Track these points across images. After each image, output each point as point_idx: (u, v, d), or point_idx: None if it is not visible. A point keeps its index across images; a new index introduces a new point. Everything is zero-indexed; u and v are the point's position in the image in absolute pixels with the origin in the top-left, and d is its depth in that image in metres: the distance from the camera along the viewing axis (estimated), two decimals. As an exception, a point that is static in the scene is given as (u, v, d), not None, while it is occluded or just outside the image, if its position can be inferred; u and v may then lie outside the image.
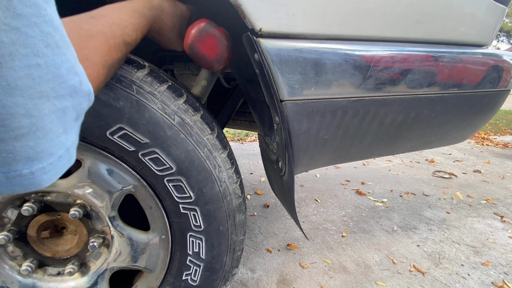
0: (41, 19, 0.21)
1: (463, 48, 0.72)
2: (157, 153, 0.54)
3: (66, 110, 0.26)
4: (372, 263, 1.20)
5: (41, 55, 0.22)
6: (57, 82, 0.24)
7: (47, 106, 0.23)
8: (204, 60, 0.56)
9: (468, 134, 0.95)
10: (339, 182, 2.10)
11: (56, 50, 0.23)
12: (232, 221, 0.64)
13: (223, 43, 0.56)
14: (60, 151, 0.25)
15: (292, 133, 0.59)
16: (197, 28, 0.54)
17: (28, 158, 0.23)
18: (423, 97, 0.70)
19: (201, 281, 0.66)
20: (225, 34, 0.56)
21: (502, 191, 2.04)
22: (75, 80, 0.26)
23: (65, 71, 0.25)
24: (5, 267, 0.60)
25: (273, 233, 1.40)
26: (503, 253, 1.30)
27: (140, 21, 0.45)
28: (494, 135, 4.33)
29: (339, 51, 0.56)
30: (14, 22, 0.19)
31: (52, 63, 0.23)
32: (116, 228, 0.60)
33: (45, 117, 0.23)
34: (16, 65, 0.20)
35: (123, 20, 0.41)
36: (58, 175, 0.26)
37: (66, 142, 0.26)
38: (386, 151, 0.85)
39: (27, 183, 0.24)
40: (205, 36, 0.54)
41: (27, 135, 0.22)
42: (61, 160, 0.26)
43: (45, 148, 0.24)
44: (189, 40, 0.54)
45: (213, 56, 0.56)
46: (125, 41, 0.41)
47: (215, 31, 0.55)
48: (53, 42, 0.23)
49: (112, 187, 0.57)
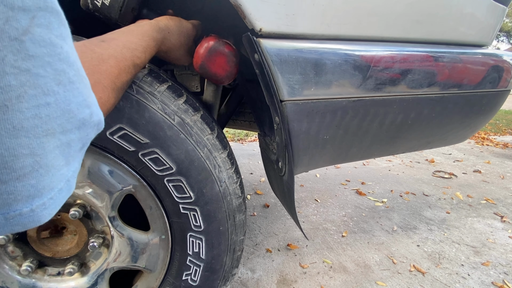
0: (55, 58, 0.21)
1: (463, 48, 0.72)
2: (157, 153, 0.54)
3: (71, 143, 0.25)
4: (372, 263, 1.20)
5: (51, 93, 0.21)
6: (66, 118, 0.23)
7: (52, 142, 0.22)
8: (215, 78, 0.58)
9: (468, 134, 0.95)
10: (339, 182, 2.10)
11: (69, 86, 0.23)
12: (232, 221, 0.64)
13: (232, 60, 0.57)
14: (60, 183, 0.24)
15: (292, 133, 0.59)
16: (206, 48, 0.55)
17: (28, 196, 0.22)
18: (423, 97, 0.70)
19: (201, 281, 0.66)
20: (233, 51, 0.57)
21: (502, 191, 2.04)
22: (86, 113, 0.25)
23: (76, 106, 0.24)
24: (5, 267, 0.60)
25: (273, 233, 1.40)
26: (503, 253, 1.30)
27: (149, 43, 0.45)
28: (494, 135, 4.33)
29: (339, 51, 0.56)
30: (25, 64, 0.19)
31: (63, 100, 0.22)
32: (116, 228, 0.60)
33: (49, 154, 0.22)
34: (24, 107, 0.19)
35: (133, 43, 0.42)
36: (57, 208, 0.25)
37: (67, 173, 0.25)
38: (386, 151, 0.85)
39: (27, 221, 0.22)
40: (214, 55, 0.55)
41: (29, 174, 0.21)
42: (61, 192, 0.25)
43: (47, 184, 0.23)
44: (199, 60, 0.55)
45: (224, 74, 0.57)
46: (134, 63, 0.41)
47: (224, 49, 0.56)
48: (66, 79, 0.22)
49: (112, 187, 0.57)
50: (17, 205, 0.21)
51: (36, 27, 0.19)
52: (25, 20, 0.18)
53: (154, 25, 0.49)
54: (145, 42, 0.45)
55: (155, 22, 0.51)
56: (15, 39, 0.18)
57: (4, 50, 0.17)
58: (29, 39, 0.19)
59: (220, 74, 0.57)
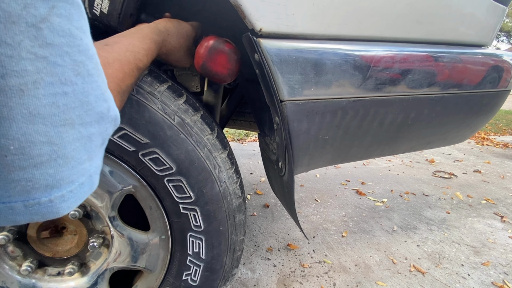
0: (74, 49, 0.21)
1: (463, 48, 0.72)
2: (157, 153, 0.54)
3: (92, 137, 0.25)
4: (372, 263, 1.20)
5: (69, 83, 0.21)
6: (84, 109, 0.23)
7: (72, 133, 0.22)
8: (217, 77, 0.57)
9: (468, 134, 0.95)
10: (339, 182, 2.10)
11: (88, 79, 0.23)
12: (232, 221, 0.64)
13: (233, 58, 0.56)
14: (82, 178, 0.25)
15: (292, 133, 0.59)
16: (206, 47, 0.55)
17: (47, 186, 0.22)
18: (423, 97, 0.70)
19: (201, 281, 0.66)
20: (233, 48, 0.57)
21: (502, 191, 2.04)
22: (104, 107, 0.26)
23: (94, 99, 0.24)
24: (5, 267, 0.60)
25: (273, 233, 1.40)
26: (503, 253, 1.30)
27: (150, 46, 0.46)
28: (494, 135, 4.33)
29: (339, 51, 0.56)
30: (42, 51, 0.19)
31: (81, 91, 0.22)
32: (116, 228, 0.60)
33: (68, 145, 0.22)
34: (40, 93, 0.19)
35: (135, 46, 0.42)
36: (78, 202, 0.25)
37: (89, 168, 0.26)
38: (386, 151, 0.85)
39: (46, 211, 0.23)
40: (215, 54, 0.55)
41: (47, 162, 0.21)
42: (82, 187, 0.25)
43: (66, 175, 0.23)
44: (200, 61, 0.55)
45: (225, 72, 0.57)
46: (138, 66, 0.42)
47: (224, 47, 0.55)
48: (85, 70, 0.22)
49: (112, 187, 0.57)
50: (35, 193, 0.21)
51: (56, 17, 0.19)
52: (43, 9, 0.18)
53: (153, 28, 0.50)
54: (146, 45, 0.45)
55: (154, 25, 0.51)
56: (33, 25, 0.18)
57: (21, 35, 0.18)
58: (47, 27, 0.19)
59: (222, 72, 0.57)
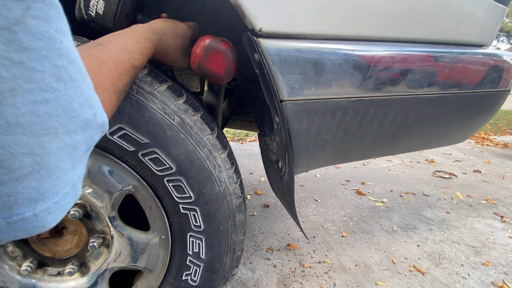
0: (54, 53, 0.20)
1: (463, 48, 0.72)
2: (157, 153, 0.54)
3: (77, 145, 0.24)
4: (372, 263, 1.20)
5: (50, 90, 0.20)
6: (68, 116, 0.22)
7: (55, 142, 0.21)
8: (214, 77, 0.57)
9: (468, 134, 0.95)
10: (339, 182, 2.10)
11: (70, 84, 0.22)
12: (232, 221, 0.64)
13: (229, 57, 0.56)
14: (66, 188, 0.23)
15: (292, 133, 0.59)
16: (202, 47, 0.54)
17: (30, 199, 0.20)
18: (423, 97, 0.70)
19: (201, 281, 0.66)
20: (230, 47, 0.56)
21: (502, 191, 2.04)
22: (89, 113, 0.25)
23: (78, 105, 0.23)
24: (5, 267, 0.60)
25: (273, 233, 1.40)
26: (503, 253, 1.30)
27: (145, 45, 0.45)
28: (494, 135, 4.33)
29: (339, 51, 0.56)
30: (18, 56, 0.18)
31: (63, 97, 0.21)
32: (116, 228, 0.60)
33: (52, 155, 0.21)
34: (18, 102, 0.18)
35: (130, 45, 0.42)
36: (63, 214, 0.24)
37: (73, 177, 0.24)
38: (386, 151, 0.85)
39: (31, 226, 0.21)
40: (211, 54, 0.54)
41: (29, 175, 0.20)
42: (66, 197, 0.24)
43: (50, 187, 0.22)
44: (196, 60, 0.54)
45: (222, 71, 0.56)
46: (133, 65, 0.41)
47: (220, 46, 0.55)
48: (67, 75, 0.21)
49: (112, 187, 0.57)
50: (19, 208, 0.20)
51: (32, 19, 0.18)
52: (18, 10, 0.17)
53: (148, 27, 0.49)
54: (141, 43, 0.45)
55: (149, 25, 0.51)
56: (6, 28, 0.17)
57: None
58: (23, 30, 0.18)
59: (218, 72, 0.56)
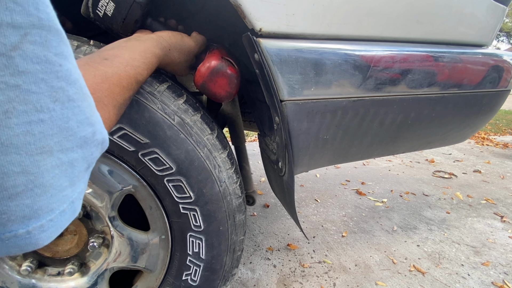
0: (51, 75, 0.20)
1: (463, 48, 0.72)
2: (157, 153, 0.54)
3: (74, 163, 0.24)
4: (372, 263, 1.20)
5: (46, 110, 0.20)
6: (64, 135, 0.22)
7: (50, 161, 0.21)
8: (214, 97, 0.57)
9: (468, 134, 0.95)
10: (339, 182, 2.10)
11: (68, 104, 0.22)
12: (232, 221, 0.64)
13: (233, 82, 0.56)
14: (63, 205, 0.23)
15: (292, 133, 0.59)
16: (208, 68, 0.54)
17: (24, 217, 0.21)
18: (423, 97, 0.70)
19: (201, 281, 0.66)
20: (235, 72, 0.56)
21: (502, 191, 2.04)
22: (88, 131, 0.25)
23: (76, 124, 0.23)
24: (5, 267, 0.60)
25: (273, 233, 1.40)
26: (503, 253, 1.30)
27: (151, 60, 0.45)
28: (494, 135, 4.33)
29: (339, 51, 0.56)
30: (13, 80, 0.18)
31: (59, 117, 0.21)
32: (116, 228, 0.60)
33: (46, 173, 0.21)
34: (13, 123, 0.18)
35: (136, 60, 0.42)
36: (58, 231, 0.24)
37: (71, 195, 0.24)
38: (386, 151, 0.85)
39: (24, 243, 0.21)
40: (216, 76, 0.55)
41: (23, 193, 0.20)
42: (63, 215, 0.24)
43: (44, 204, 0.22)
44: (200, 80, 0.55)
45: (224, 94, 0.57)
46: (137, 80, 0.41)
47: (226, 71, 0.55)
48: (64, 96, 0.22)
49: (112, 187, 0.57)
50: (12, 225, 0.20)
51: (29, 44, 0.19)
52: (15, 37, 0.18)
53: (156, 42, 0.49)
54: (148, 59, 0.45)
55: (156, 38, 0.50)
56: (2, 54, 0.17)
57: None
58: (19, 55, 0.18)
59: (220, 94, 0.57)
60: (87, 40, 0.50)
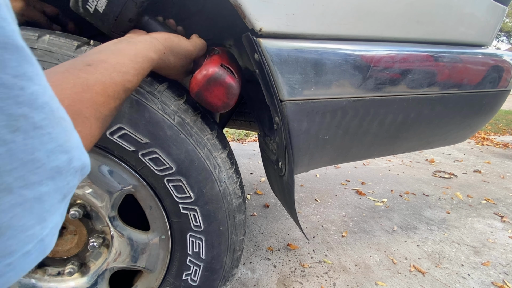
0: (9, 101, 0.17)
1: (463, 48, 0.72)
2: (157, 153, 0.54)
3: (43, 197, 0.21)
4: (372, 263, 1.20)
5: (1, 143, 0.17)
6: (29, 169, 0.19)
7: (8, 200, 0.18)
8: (209, 106, 0.53)
9: (468, 134, 0.95)
10: (339, 182, 2.10)
11: (33, 133, 0.19)
12: (232, 221, 0.64)
13: (231, 92, 0.52)
14: (26, 246, 0.20)
15: (292, 133, 0.59)
16: (205, 76, 0.50)
17: None
18: (423, 97, 0.70)
19: (201, 281, 0.66)
20: (235, 83, 0.52)
21: (502, 191, 2.04)
22: (62, 160, 0.21)
23: (45, 154, 0.20)
24: (5, 267, 0.60)
25: (273, 233, 1.40)
26: (503, 253, 1.30)
27: (142, 65, 0.40)
28: (494, 135, 4.33)
29: (339, 51, 0.56)
30: None
31: (21, 149, 0.18)
32: (116, 228, 0.60)
33: (3, 214, 0.19)
34: None
35: (125, 66, 0.37)
36: (21, 274, 0.20)
37: (40, 232, 0.21)
38: (386, 151, 0.85)
39: None
40: (213, 86, 0.51)
41: None
42: (27, 256, 0.20)
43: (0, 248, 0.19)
44: (195, 88, 0.51)
45: (219, 104, 0.53)
46: (125, 88, 0.36)
47: (224, 80, 0.51)
48: (27, 124, 0.19)
49: (112, 187, 0.57)
50: None
51: None
52: None
53: (150, 44, 0.44)
54: (139, 64, 0.40)
55: (151, 40, 0.45)
56: None
57: None
58: None
59: (216, 104, 0.52)
60: (87, 40, 0.50)
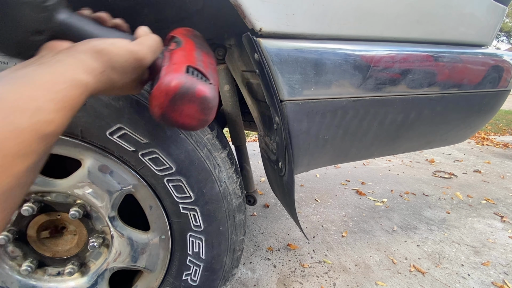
0: None
1: (463, 48, 0.72)
2: (157, 153, 0.54)
3: None
4: (372, 263, 1.20)
5: None
6: None
7: None
8: (182, 128, 0.40)
9: (468, 134, 0.95)
10: (339, 182, 2.10)
11: None
12: (232, 221, 0.64)
13: (207, 107, 0.38)
14: None
15: (292, 133, 0.59)
16: (167, 95, 0.35)
17: None
18: (423, 97, 0.70)
19: (201, 281, 0.66)
20: (209, 92, 0.38)
21: (502, 191, 2.04)
22: None
23: None
24: (5, 267, 0.60)
25: (273, 233, 1.40)
26: (503, 253, 1.30)
27: (67, 94, 0.27)
28: (494, 135, 4.33)
29: (339, 51, 0.56)
30: None
31: None
32: (116, 228, 0.60)
33: None
34: None
35: (36, 100, 0.24)
36: None
37: None
38: (386, 151, 0.85)
39: None
40: (180, 105, 0.36)
41: None
42: None
43: None
44: (158, 110, 0.37)
45: (195, 124, 0.39)
46: (41, 133, 0.24)
47: (194, 94, 0.36)
48: None
49: (112, 187, 0.57)
50: None
51: None
52: None
53: (77, 63, 0.29)
54: (61, 93, 0.26)
55: (75, 55, 0.29)
56: None
57: None
58: None
59: (190, 124, 0.39)
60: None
